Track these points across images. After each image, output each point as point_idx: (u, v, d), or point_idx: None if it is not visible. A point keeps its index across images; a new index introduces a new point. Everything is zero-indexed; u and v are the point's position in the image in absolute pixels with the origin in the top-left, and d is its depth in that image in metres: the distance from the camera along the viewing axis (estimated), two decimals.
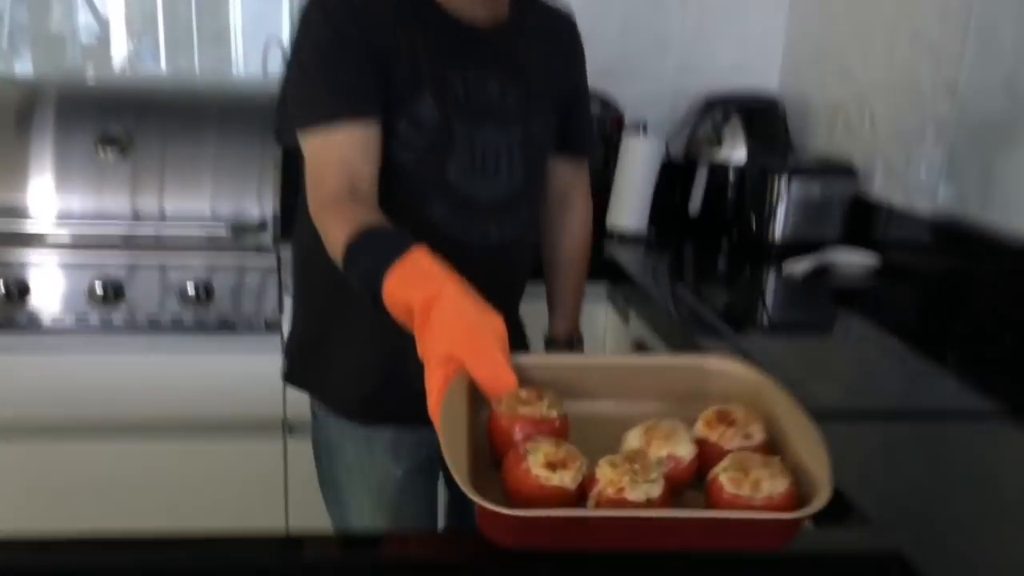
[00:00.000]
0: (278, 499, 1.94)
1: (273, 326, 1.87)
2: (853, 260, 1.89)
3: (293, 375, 1.38)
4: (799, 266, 1.84)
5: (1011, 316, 1.52)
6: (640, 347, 1.65)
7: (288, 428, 1.90)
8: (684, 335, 1.51)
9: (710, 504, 0.79)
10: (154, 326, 1.83)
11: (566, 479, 0.76)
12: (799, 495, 0.77)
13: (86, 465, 1.87)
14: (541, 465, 0.76)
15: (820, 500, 0.74)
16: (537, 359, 0.98)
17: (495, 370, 0.89)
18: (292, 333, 1.40)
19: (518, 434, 0.83)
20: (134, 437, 1.87)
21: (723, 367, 0.97)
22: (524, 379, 0.91)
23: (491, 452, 0.86)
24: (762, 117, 2.23)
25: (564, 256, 1.49)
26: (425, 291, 0.91)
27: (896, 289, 1.81)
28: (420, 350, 0.91)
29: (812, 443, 0.82)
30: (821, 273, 1.84)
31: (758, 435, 0.84)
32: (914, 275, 1.81)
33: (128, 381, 1.85)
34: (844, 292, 1.81)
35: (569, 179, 1.45)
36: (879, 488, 0.97)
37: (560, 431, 0.85)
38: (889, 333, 1.56)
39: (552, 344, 1.50)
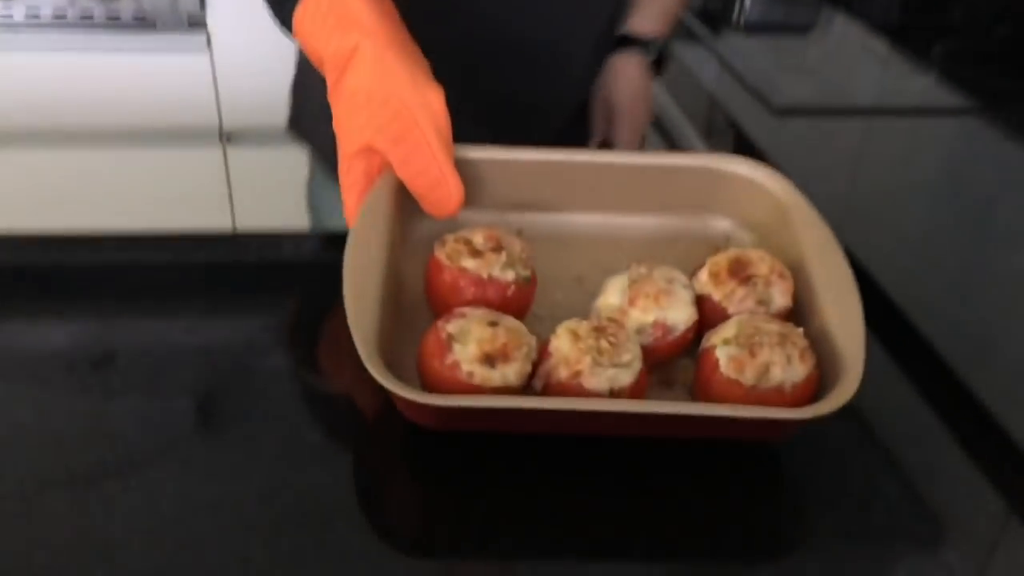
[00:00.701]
0: (224, 210, 1.80)
1: (197, 24, 1.63)
2: None
3: (292, 121, 1.12)
4: None
5: (1007, 7, 1.42)
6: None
7: (226, 137, 1.73)
8: None
9: (700, 381, 0.62)
10: (61, 21, 1.60)
11: (510, 375, 0.58)
12: (819, 378, 0.62)
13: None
14: (475, 359, 0.58)
15: (841, 395, 0.58)
16: (493, 153, 0.74)
17: (429, 170, 0.65)
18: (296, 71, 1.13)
19: (457, 294, 0.64)
20: (46, 145, 1.70)
21: (743, 172, 0.75)
22: (473, 183, 0.70)
23: (428, 299, 0.67)
24: None
25: None
26: (338, 43, 0.66)
27: None
28: (334, 128, 0.68)
29: (845, 303, 0.63)
30: None
31: (780, 301, 0.64)
32: None
33: (39, 84, 1.65)
34: None
35: None
36: (840, 187, 0.92)
37: (516, 301, 0.64)
38: (875, 32, 1.49)
39: (626, 44, 1.01)
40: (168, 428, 0.63)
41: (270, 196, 1.12)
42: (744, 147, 0.97)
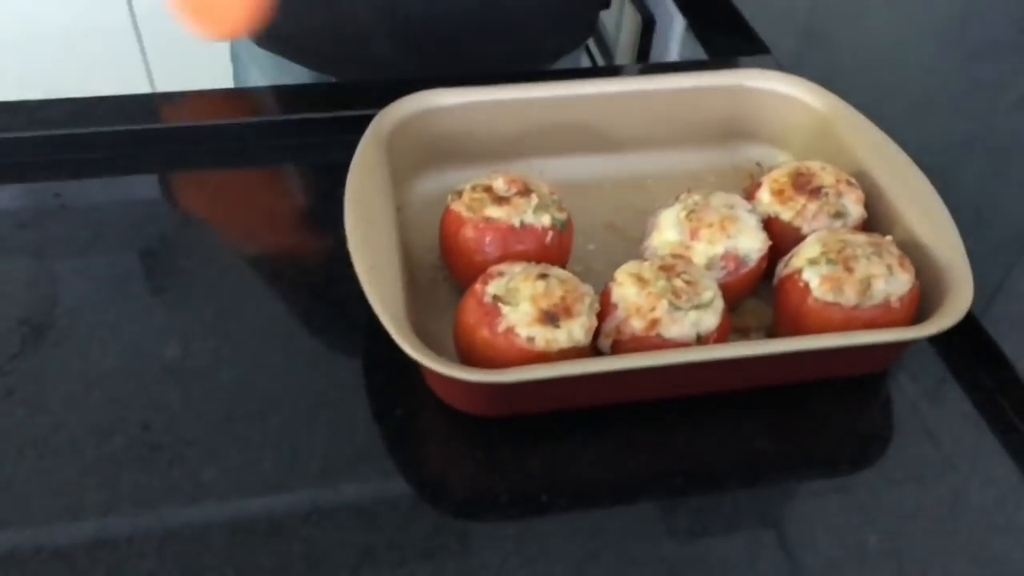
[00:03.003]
0: (135, 55, 1.66)
1: None
2: None
3: None
4: None
5: None
6: None
7: None
8: None
9: (785, 313, 0.53)
10: None
11: (577, 333, 0.47)
12: (921, 288, 0.53)
13: None
14: (533, 320, 0.47)
15: (960, 303, 0.50)
16: (489, 93, 0.62)
17: None
18: None
19: (485, 250, 0.53)
20: None
21: (776, 88, 0.65)
22: (468, 132, 0.61)
23: (448, 262, 0.56)
24: None
25: None
26: None
27: None
28: None
29: (926, 206, 0.55)
30: None
31: (855, 212, 0.56)
32: None
33: None
34: None
35: None
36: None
37: (556, 251, 0.54)
38: None
39: None
40: None
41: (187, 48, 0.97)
42: None
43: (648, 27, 1.14)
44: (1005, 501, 0.49)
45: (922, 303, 0.52)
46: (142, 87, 1.69)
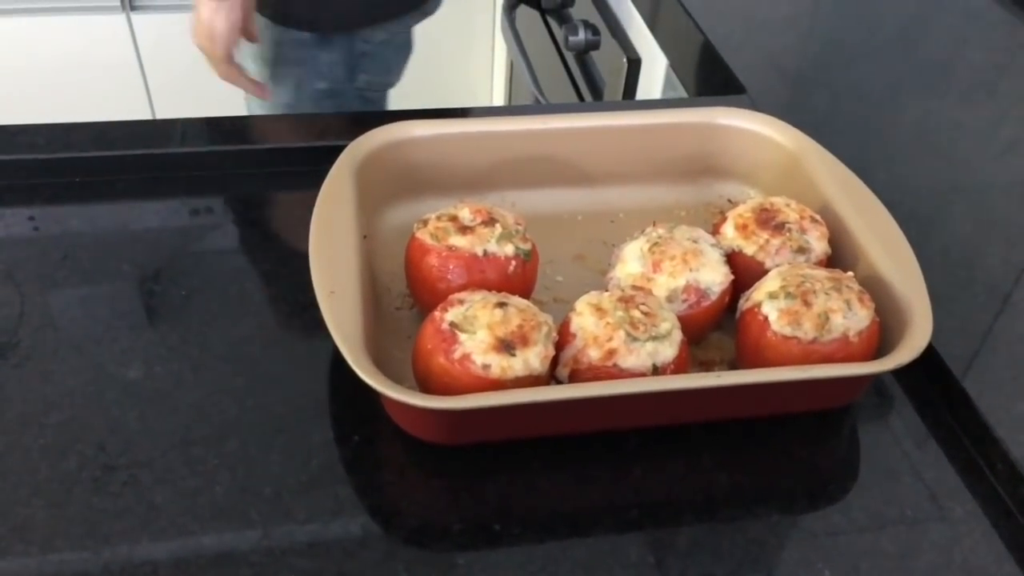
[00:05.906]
0: (138, 86, 1.72)
1: None
2: None
3: None
4: None
5: None
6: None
7: (129, 4, 1.61)
8: None
9: (745, 347, 0.53)
10: None
11: (533, 361, 0.48)
12: (881, 325, 0.53)
13: None
14: (489, 348, 0.47)
15: (918, 340, 0.50)
16: (461, 126, 0.63)
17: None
18: None
19: (448, 278, 0.53)
20: None
21: (746, 125, 0.65)
22: (440, 163, 0.62)
23: (413, 290, 0.56)
24: None
25: None
26: None
27: None
28: None
29: (890, 242, 0.55)
30: None
31: (819, 247, 0.56)
32: None
33: None
34: None
35: None
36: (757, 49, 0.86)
37: (519, 280, 0.54)
38: None
39: None
40: None
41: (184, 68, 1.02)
42: None
43: (634, 68, 1.15)
44: (962, 540, 0.49)
45: (884, 340, 0.52)
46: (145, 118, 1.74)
